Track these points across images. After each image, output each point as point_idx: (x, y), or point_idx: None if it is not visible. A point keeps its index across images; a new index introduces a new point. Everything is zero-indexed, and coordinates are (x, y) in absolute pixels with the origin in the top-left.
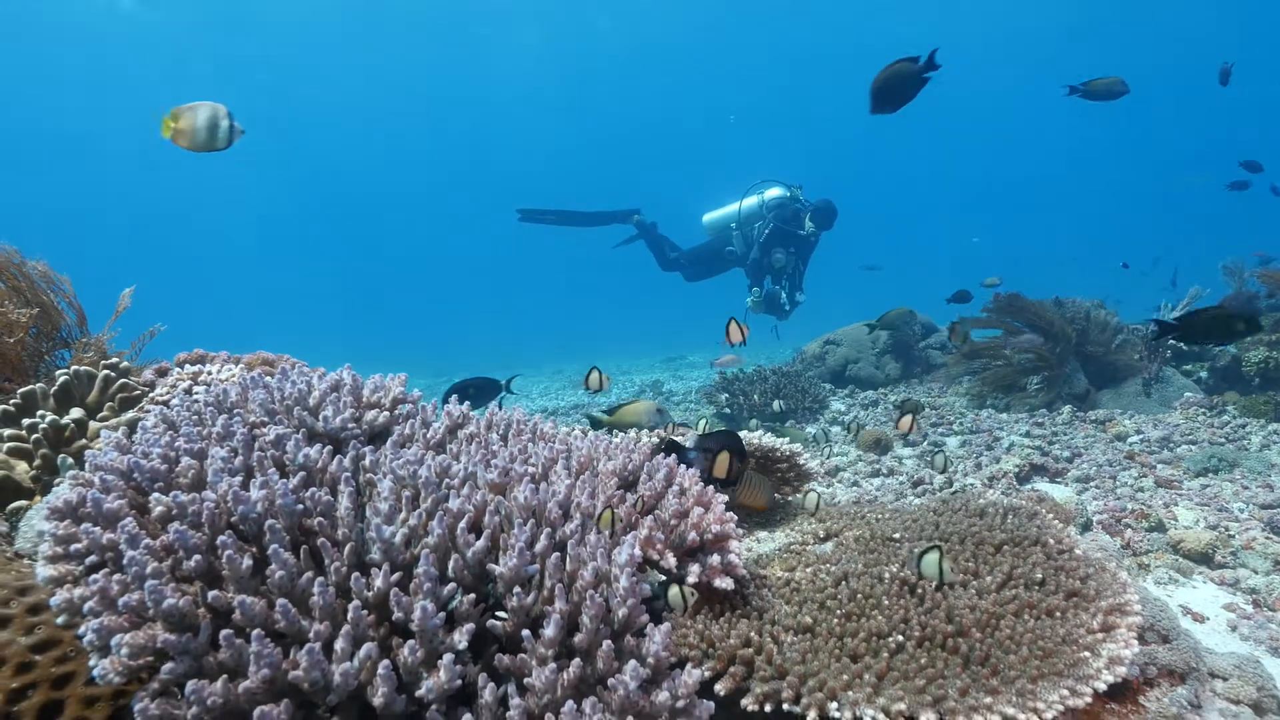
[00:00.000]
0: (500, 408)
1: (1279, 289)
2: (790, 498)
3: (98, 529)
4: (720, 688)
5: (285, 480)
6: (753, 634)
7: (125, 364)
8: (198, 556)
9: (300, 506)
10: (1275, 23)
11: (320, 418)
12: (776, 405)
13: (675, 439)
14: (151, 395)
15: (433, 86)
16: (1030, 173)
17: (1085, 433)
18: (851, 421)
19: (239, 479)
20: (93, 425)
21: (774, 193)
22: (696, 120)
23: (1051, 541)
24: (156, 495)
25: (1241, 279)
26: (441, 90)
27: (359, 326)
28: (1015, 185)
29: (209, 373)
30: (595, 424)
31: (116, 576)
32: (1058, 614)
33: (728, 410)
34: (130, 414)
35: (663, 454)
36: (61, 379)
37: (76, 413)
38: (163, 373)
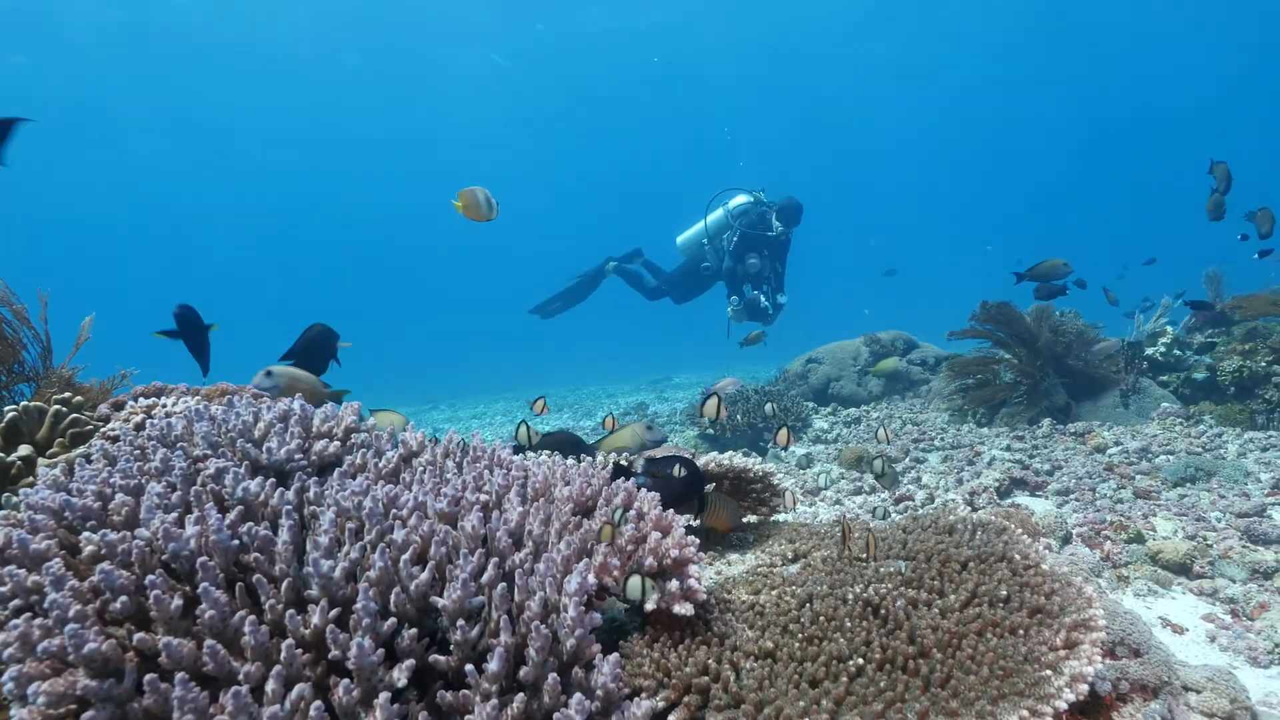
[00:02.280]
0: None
1: (1248, 315)
2: (772, 518)
3: (22, 571)
4: (674, 719)
5: (222, 516)
6: (710, 661)
7: (78, 398)
8: (124, 598)
9: (236, 542)
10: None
11: (264, 449)
12: (769, 407)
13: (622, 463)
14: (103, 430)
15: (402, 101)
16: (1040, 180)
17: (1065, 445)
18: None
19: (173, 515)
20: (41, 463)
21: (739, 200)
22: (692, 132)
23: (1018, 557)
24: (87, 534)
25: (1219, 288)
26: (413, 104)
27: (344, 356)
28: (1025, 193)
29: (164, 405)
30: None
31: (38, 621)
32: (1021, 631)
33: (710, 431)
34: (79, 450)
35: (623, 478)
36: (10, 415)
37: (24, 450)
38: (118, 407)
